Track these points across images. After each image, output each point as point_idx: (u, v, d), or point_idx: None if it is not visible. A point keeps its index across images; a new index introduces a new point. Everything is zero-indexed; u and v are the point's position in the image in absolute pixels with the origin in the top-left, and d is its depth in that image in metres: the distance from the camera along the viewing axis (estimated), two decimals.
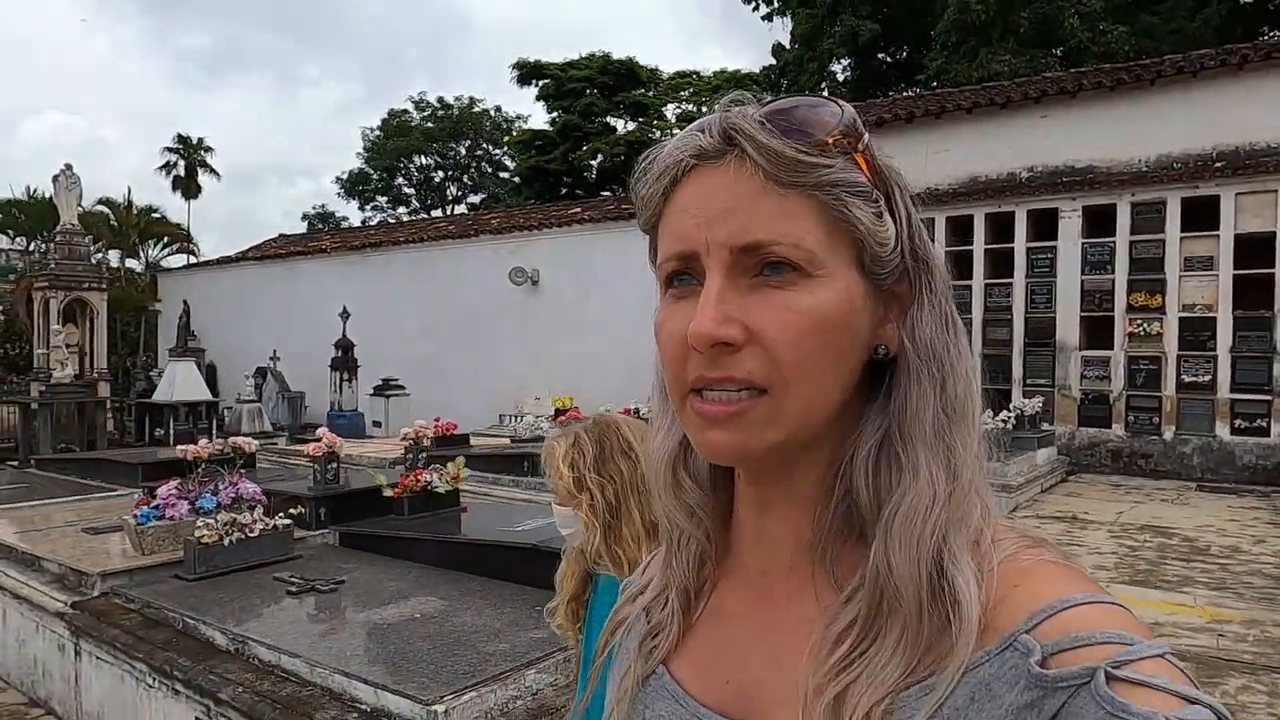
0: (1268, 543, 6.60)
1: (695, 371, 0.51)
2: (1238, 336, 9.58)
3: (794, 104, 0.51)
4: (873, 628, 0.49)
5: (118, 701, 3.62)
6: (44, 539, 4.92)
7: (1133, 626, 0.45)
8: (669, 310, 0.53)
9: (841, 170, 0.50)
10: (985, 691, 0.45)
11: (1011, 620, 0.46)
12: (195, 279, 23.33)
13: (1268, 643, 4.38)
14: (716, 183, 0.51)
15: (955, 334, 0.54)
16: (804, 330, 0.49)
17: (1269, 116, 9.82)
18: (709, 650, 0.60)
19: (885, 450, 0.52)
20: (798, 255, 0.49)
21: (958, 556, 0.48)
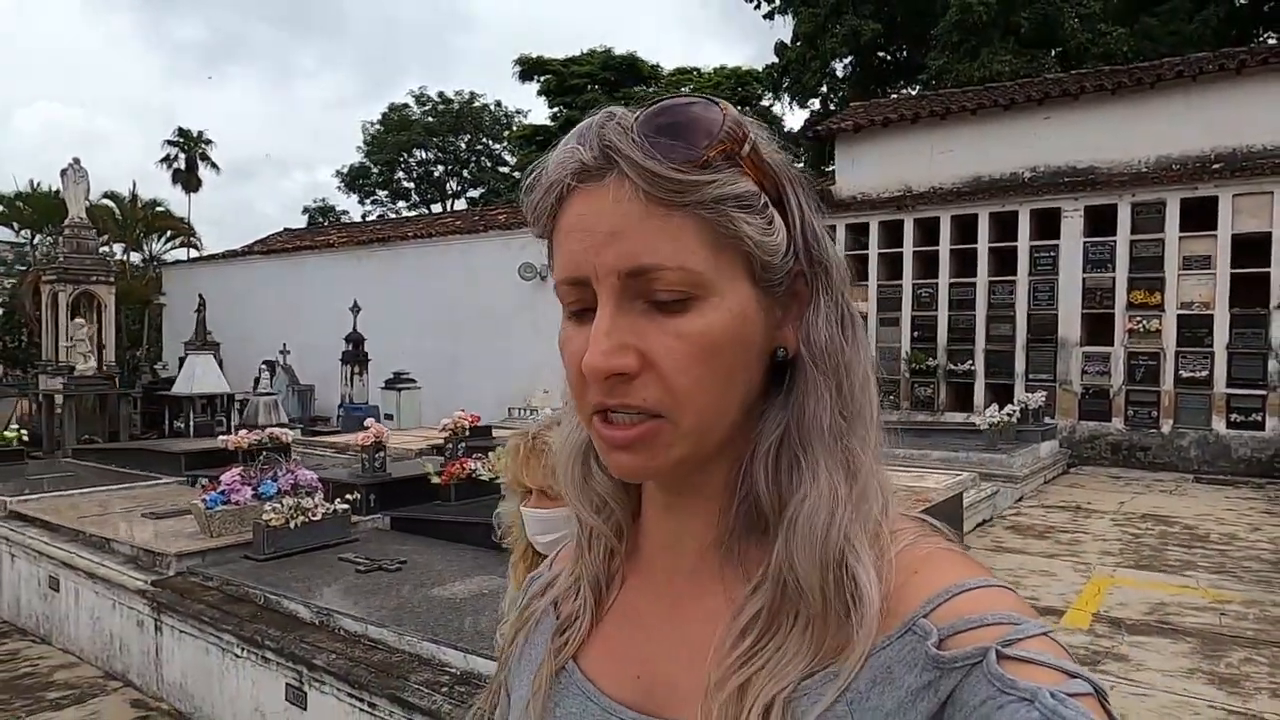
0: (1263, 530, 6.92)
1: (595, 397, 0.51)
2: (1234, 334, 9.90)
3: (670, 111, 0.50)
4: (775, 621, 0.50)
5: (201, 671, 3.88)
6: (106, 524, 5.16)
7: (1020, 608, 0.47)
8: (569, 330, 0.53)
9: (724, 184, 0.49)
10: (886, 674, 0.47)
11: (910, 606, 0.48)
12: (200, 273, 23.47)
13: (1267, 620, 4.68)
14: (600, 204, 0.50)
15: (853, 333, 0.54)
16: (694, 357, 0.49)
17: (1265, 119, 10.12)
18: (619, 646, 0.60)
19: (785, 449, 0.53)
20: (683, 281, 0.49)
21: (858, 551, 0.49)
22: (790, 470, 0.52)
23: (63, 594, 4.89)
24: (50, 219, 24.76)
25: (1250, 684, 3.81)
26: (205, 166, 39.24)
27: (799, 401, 0.52)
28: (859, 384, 0.53)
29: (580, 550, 0.63)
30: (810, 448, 0.52)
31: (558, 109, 31.27)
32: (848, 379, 0.53)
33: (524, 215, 0.55)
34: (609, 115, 0.51)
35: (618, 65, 30.34)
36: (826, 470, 0.51)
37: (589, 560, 0.62)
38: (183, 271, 24.65)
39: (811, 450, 0.51)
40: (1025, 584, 5.40)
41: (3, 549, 5.47)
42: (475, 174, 40.48)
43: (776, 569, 0.50)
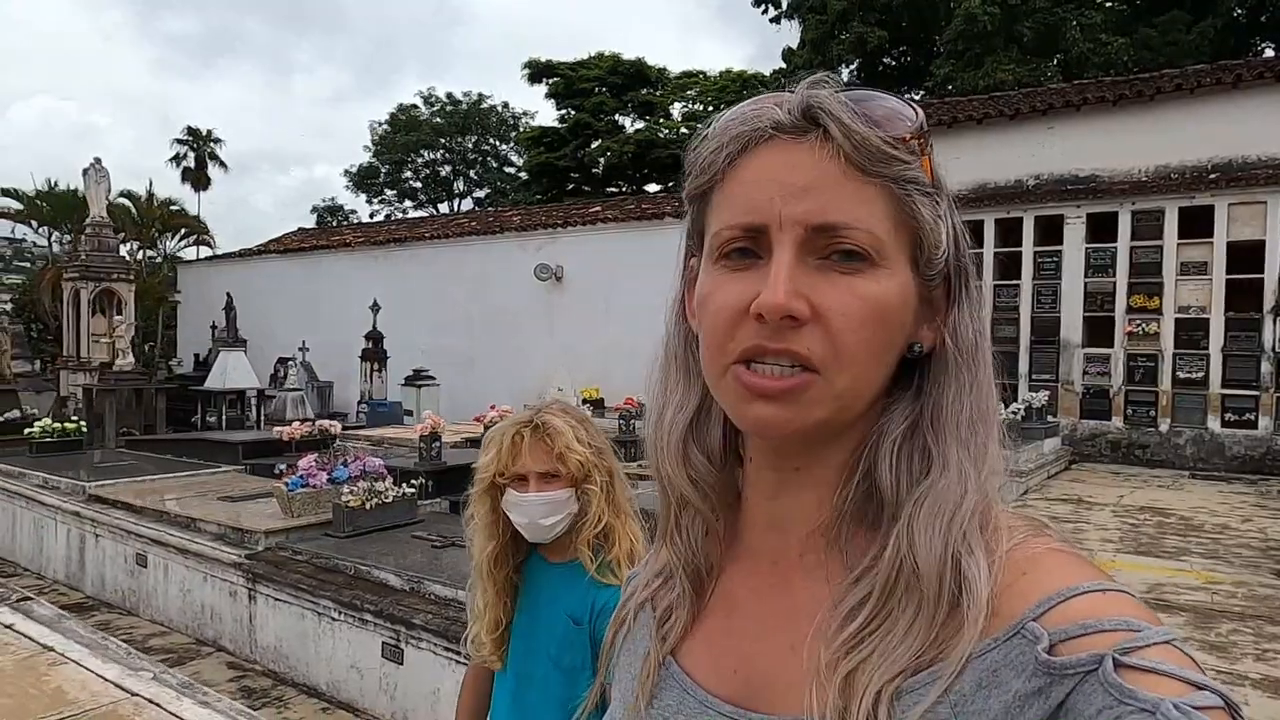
0: (1254, 522, 7.37)
1: (750, 340, 0.51)
2: (1229, 336, 10.36)
3: (875, 95, 0.52)
4: (886, 606, 0.49)
5: (296, 635, 4.32)
6: (187, 506, 5.59)
7: (1139, 613, 0.45)
8: (720, 280, 0.53)
9: (914, 169, 0.51)
10: (993, 678, 0.45)
11: (1019, 607, 0.46)
12: (215, 271, 23.88)
13: (1253, 598, 5.13)
14: (796, 159, 0.51)
15: (985, 338, 0.56)
16: (866, 316, 0.50)
17: (1261, 131, 10.57)
18: (717, 639, 0.59)
19: (913, 440, 0.53)
20: (869, 242, 0.50)
21: (973, 544, 0.49)
22: (918, 458, 0.52)
23: (150, 570, 5.32)
24: (67, 217, 25.17)
25: (1237, 650, 4.26)
26: (213, 165, 39.68)
27: (938, 395, 0.53)
28: (989, 386, 0.55)
29: (669, 540, 0.62)
30: (944, 438, 0.52)
31: (565, 111, 31.70)
32: (983, 378, 0.54)
33: (686, 168, 0.56)
34: (815, 82, 0.53)
35: (626, 70, 30.74)
36: (958, 459, 0.51)
37: (682, 546, 0.62)
38: (197, 270, 25.06)
39: (945, 440, 0.52)
40: None
41: (87, 530, 5.90)
42: (481, 174, 40.93)
43: (894, 552, 0.50)
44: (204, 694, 2.76)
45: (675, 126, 31.75)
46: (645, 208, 17.13)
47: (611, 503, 1.53)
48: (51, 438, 7.91)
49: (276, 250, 23.30)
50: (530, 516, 1.49)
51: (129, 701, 2.61)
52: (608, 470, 1.54)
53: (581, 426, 1.54)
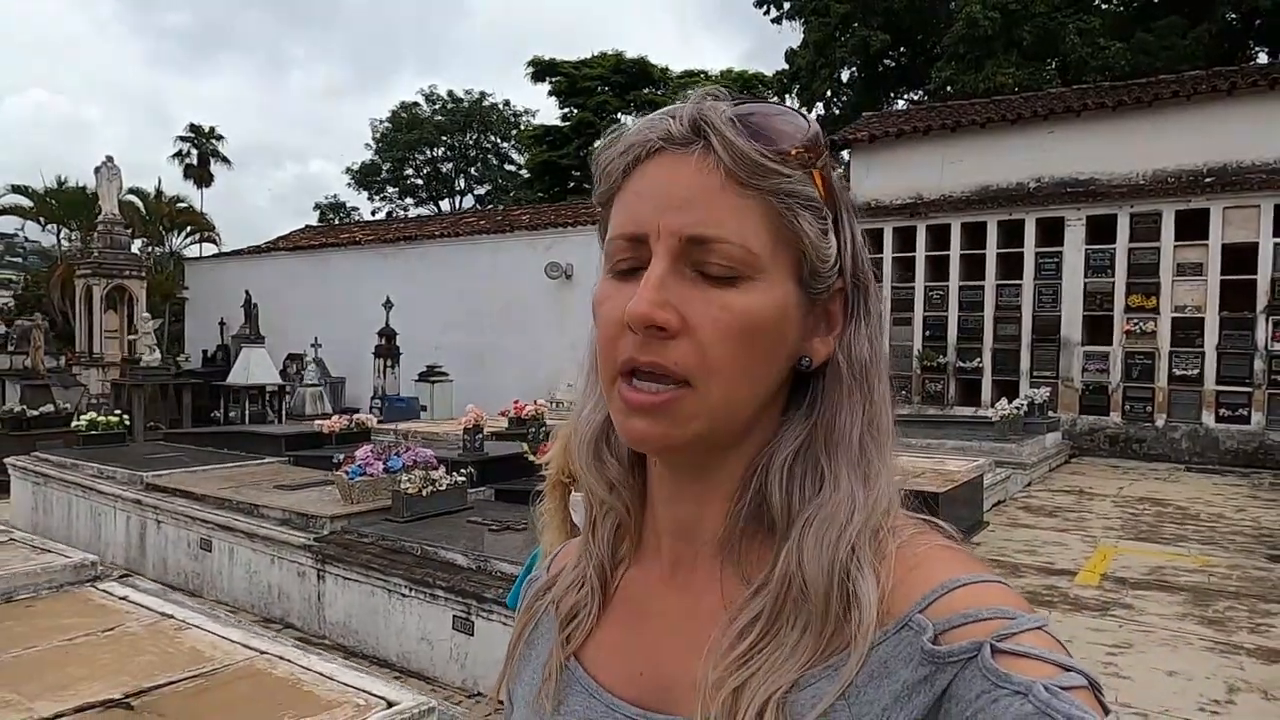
0: (1247, 511, 7.76)
1: (626, 353, 0.52)
2: (1223, 335, 10.76)
3: (763, 109, 0.53)
4: (775, 623, 0.51)
5: (366, 611, 4.66)
6: (245, 494, 5.93)
7: (1014, 602, 0.48)
8: (609, 288, 0.54)
9: (798, 182, 0.52)
10: (883, 669, 0.47)
11: (907, 602, 0.49)
12: (223, 268, 24.15)
13: (1247, 580, 5.51)
14: (678, 170, 0.51)
15: (880, 356, 0.57)
16: (734, 329, 0.51)
17: (1254, 137, 10.97)
18: (622, 639, 0.60)
19: (804, 457, 0.54)
20: (742, 257, 0.51)
21: (861, 560, 0.50)
22: (809, 476, 0.53)
23: (215, 553, 5.66)
24: (75, 214, 25.41)
25: (1232, 624, 4.64)
26: (215, 162, 39.88)
27: (830, 413, 0.54)
28: (882, 403, 0.56)
29: (586, 540, 0.64)
30: (835, 456, 0.53)
31: (569, 110, 32.02)
32: (876, 396, 0.55)
33: (593, 173, 0.56)
34: (705, 96, 0.54)
35: (629, 68, 31.06)
36: (848, 479, 0.53)
37: (594, 546, 0.63)
38: (205, 267, 25.31)
39: (835, 459, 0.53)
40: (1041, 552, 6.22)
41: (148, 516, 6.23)
42: (482, 171, 41.20)
43: (783, 571, 0.51)
44: (319, 653, 3.11)
45: None
46: None
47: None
48: (97, 430, 8.23)
49: (286, 248, 23.57)
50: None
51: (261, 658, 2.96)
52: None
53: None
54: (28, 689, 2.72)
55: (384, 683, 2.78)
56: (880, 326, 0.58)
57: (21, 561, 3.99)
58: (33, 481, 7.59)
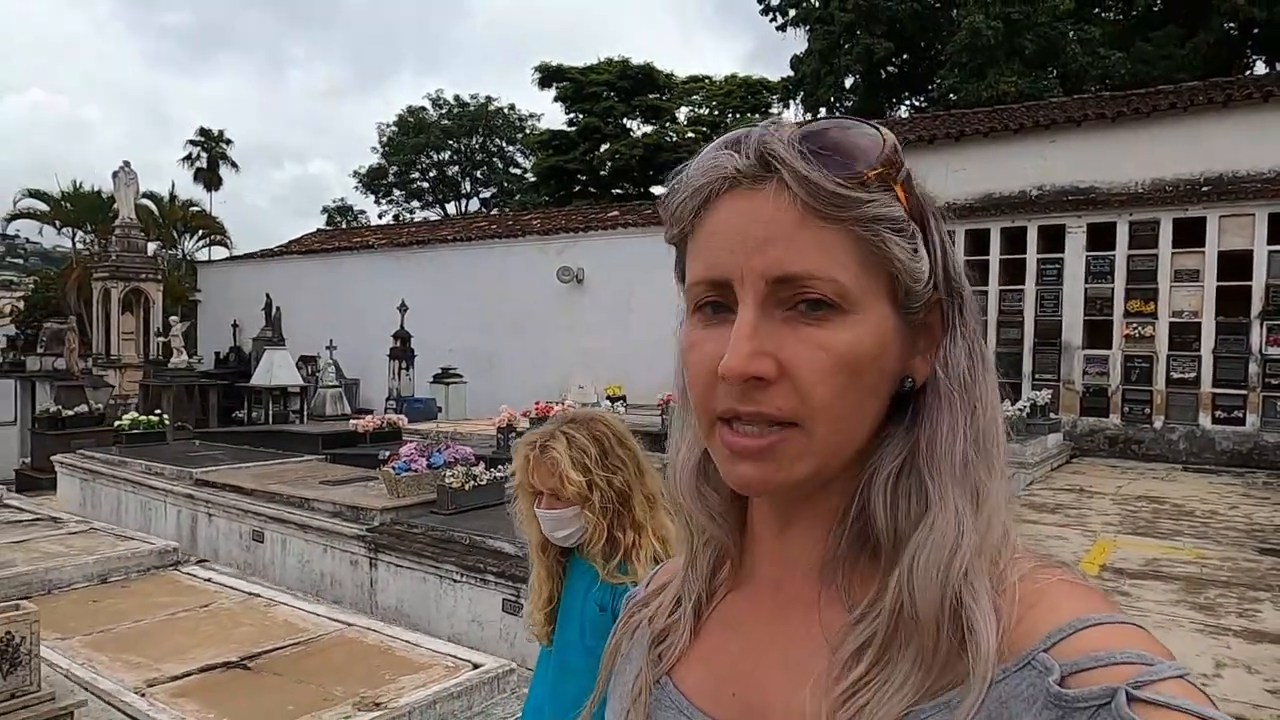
0: (1240, 509, 8.11)
1: (725, 403, 0.51)
2: (1219, 340, 11.12)
3: (833, 129, 0.51)
4: (886, 653, 0.49)
5: (418, 596, 5.02)
6: (294, 489, 6.28)
7: (1152, 647, 0.45)
8: (698, 334, 0.53)
9: (881, 205, 0.50)
10: (1000, 709, 0.45)
11: (1029, 639, 0.46)
12: (235, 271, 24.52)
13: (1238, 570, 5.87)
14: (753, 210, 0.50)
15: (985, 366, 0.55)
16: (836, 369, 0.49)
17: (1249, 147, 11.33)
18: (716, 661, 0.60)
19: (908, 476, 0.52)
20: (833, 290, 0.49)
21: (976, 588, 0.48)
22: (913, 497, 0.52)
23: (267, 544, 6.01)
24: (91, 217, 25.80)
25: (1222, 609, 5.00)
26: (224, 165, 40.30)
27: (930, 430, 0.52)
28: (990, 416, 0.54)
29: (686, 567, 0.63)
30: (939, 475, 0.51)
31: (575, 115, 32.41)
32: (981, 409, 0.53)
33: (662, 216, 0.56)
34: (770, 125, 0.52)
35: (634, 74, 31.43)
36: (954, 499, 0.50)
37: (693, 576, 0.63)
38: (217, 270, 25.68)
39: (940, 478, 0.51)
40: (1045, 545, 6.49)
41: (200, 510, 6.59)
42: (487, 175, 41.61)
43: (894, 598, 0.49)
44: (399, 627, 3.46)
45: (682, 130, 32.48)
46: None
47: (622, 519, 1.61)
48: (139, 430, 8.59)
49: (298, 251, 23.94)
50: (545, 528, 1.64)
51: (350, 629, 3.32)
52: (618, 490, 1.60)
53: (593, 446, 1.61)
54: (150, 654, 3.08)
55: (467, 649, 3.14)
56: (981, 338, 0.56)
57: (109, 548, 4.35)
58: (80, 478, 7.94)
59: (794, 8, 24.46)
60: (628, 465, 1.64)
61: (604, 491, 1.59)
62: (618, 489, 1.60)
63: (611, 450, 1.63)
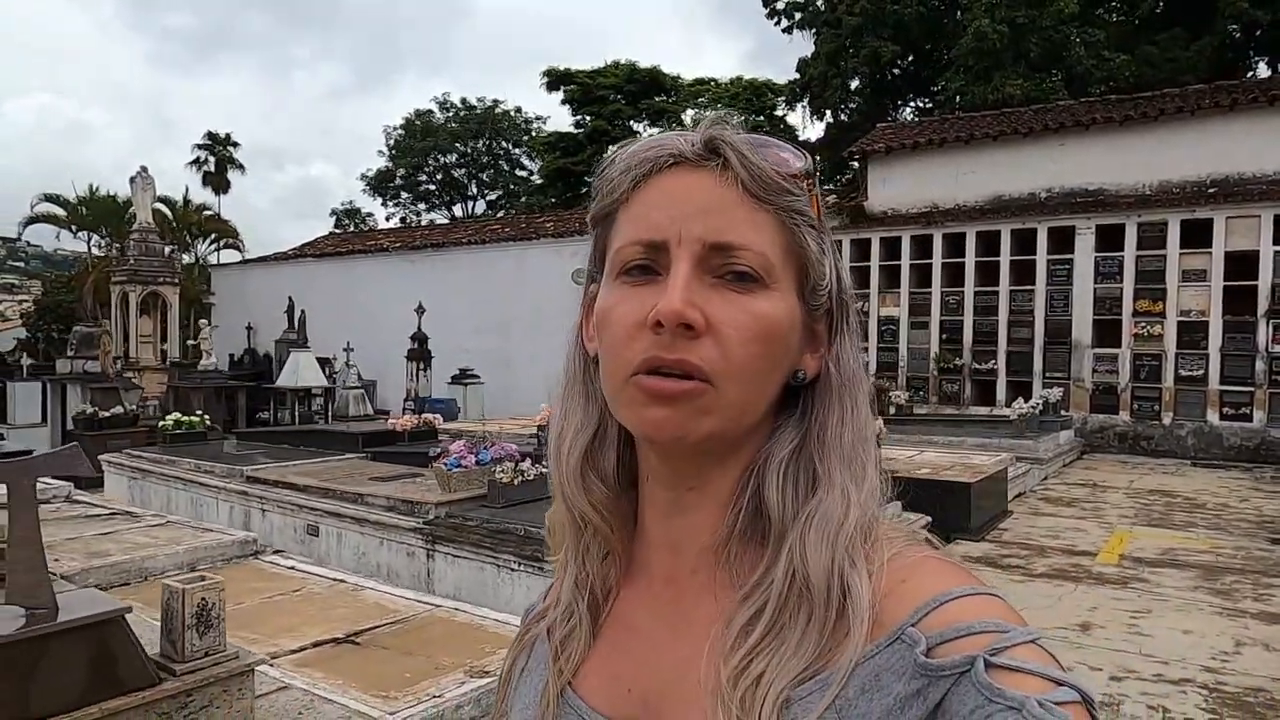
0: (1250, 501, 8.39)
1: (649, 351, 0.53)
2: (1226, 338, 11.40)
3: (766, 140, 0.57)
4: (779, 620, 0.52)
5: (475, 584, 5.29)
6: (346, 485, 6.55)
7: (1007, 615, 0.49)
8: (620, 294, 0.56)
9: (804, 203, 0.56)
10: (875, 682, 0.48)
11: (899, 614, 0.50)
12: (249, 274, 24.80)
13: (1251, 559, 6.14)
14: (696, 183, 0.55)
15: (863, 370, 0.61)
16: (756, 332, 0.54)
17: (1254, 150, 11.61)
18: (613, 662, 0.61)
19: (799, 462, 0.56)
20: (760, 264, 0.54)
21: (855, 557, 0.52)
22: (804, 479, 0.56)
23: (322, 538, 6.28)
24: (107, 221, 26.10)
25: (1238, 594, 5.27)
26: (231, 168, 40.60)
27: (822, 419, 0.57)
28: (866, 410, 0.59)
29: (576, 565, 0.64)
30: (828, 459, 0.56)
31: (582, 117, 32.72)
32: (861, 405, 0.59)
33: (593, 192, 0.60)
34: (716, 121, 0.57)
35: (641, 78, 31.74)
36: (841, 479, 0.55)
37: (584, 572, 0.63)
38: (231, 273, 25.96)
39: (829, 462, 0.56)
40: (1064, 536, 6.85)
41: (253, 505, 6.86)
42: (494, 177, 41.92)
43: (785, 567, 0.53)
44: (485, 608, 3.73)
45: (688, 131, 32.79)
46: None
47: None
48: (182, 430, 8.87)
49: (312, 254, 24.22)
50: None
51: (439, 610, 3.59)
52: None
53: None
54: (261, 631, 3.35)
55: None
56: (860, 344, 0.61)
57: (193, 538, 4.63)
58: (129, 476, 8.22)
59: (800, 11, 24.75)
60: None
61: None
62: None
63: None
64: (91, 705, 1.82)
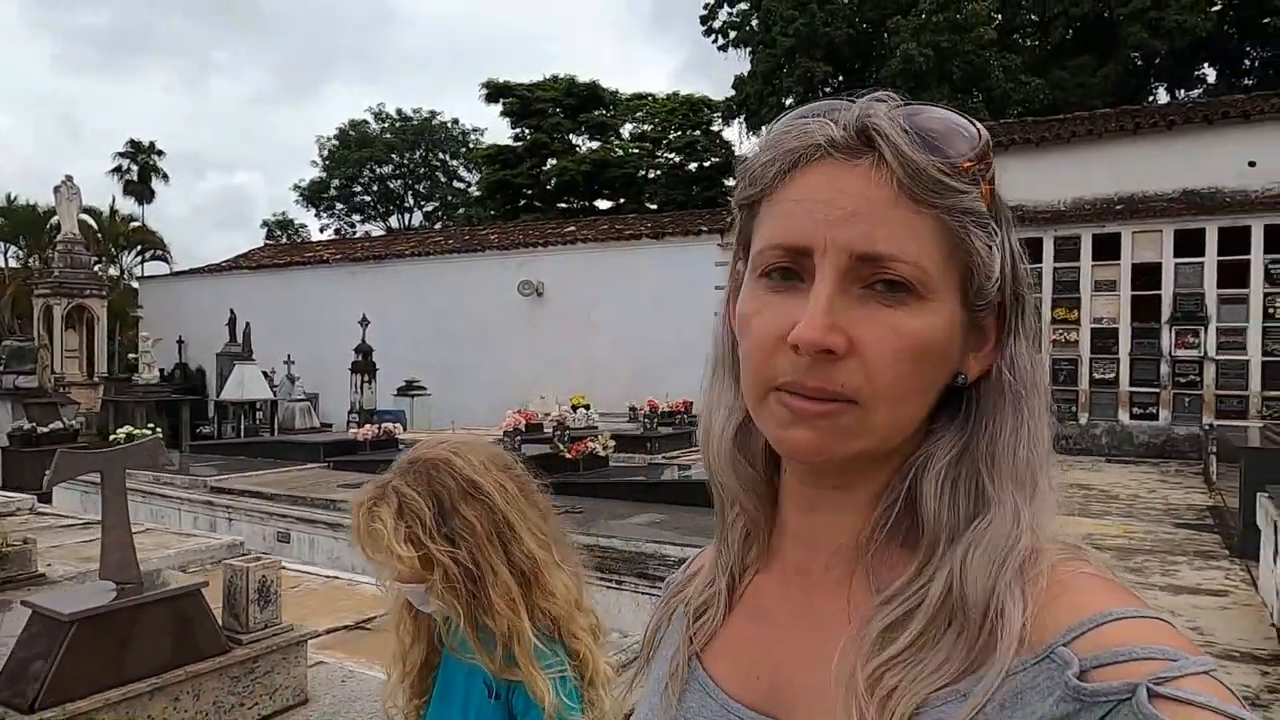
0: (1158, 493, 9.16)
1: (789, 374, 0.50)
2: (1135, 343, 12.33)
3: (935, 115, 0.51)
4: (928, 632, 0.49)
5: None
6: (315, 493, 6.68)
7: (1177, 642, 0.44)
8: (763, 300, 0.52)
9: (971, 198, 0.50)
10: (1016, 699, 0.45)
11: (1050, 632, 0.46)
12: (180, 287, 24.18)
13: (1159, 541, 6.79)
14: (844, 182, 0.50)
15: (1043, 372, 0.55)
16: (906, 353, 0.50)
17: (1157, 170, 12.62)
18: (743, 644, 0.60)
19: (963, 471, 0.52)
20: (915, 275, 0.49)
21: (1012, 580, 0.49)
22: (969, 492, 0.52)
23: (294, 543, 6.40)
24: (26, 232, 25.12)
25: (1148, 571, 5.87)
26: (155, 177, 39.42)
27: (993, 427, 0.53)
28: (1044, 418, 0.55)
29: (719, 543, 0.64)
30: (999, 475, 0.52)
31: (521, 130, 32.90)
32: (1039, 412, 0.54)
33: (737, 176, 0.55)
34: (874, 100, 0.52)
35: (580, 91, 32.12)
36: (1013, 498, 0.52)
37: (725, 549, 0.63)
38: (160, 285, 25.26)
39: (1000, 478, 0.52)
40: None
41: (219, 515, 6.91)
42: (430, 188, 41.67)
43: (945, 585, 0.49)
44: None
45: (626, 146, 33.30)
46: (619, 228, 18.51)
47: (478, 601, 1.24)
48: (131, 443, 8.79)
49: (248, 266, 23.78)
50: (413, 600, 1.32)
51: None
52: (463, 566, 1.24)
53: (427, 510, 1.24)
54: None
55: None
56: (1039, 341, 0.56)
57: (179, 543, 4.75)
58: (81, 490, 8.13)
59: (736, 30, 25.55)
60: (477, 529, 1.25)
61: (447, 568, 1.23)
62: (463, 565, 1.23)
63: (453, 512, 1.25)
64: (178, 668, 2.04)
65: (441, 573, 1.22)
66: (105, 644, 1.94)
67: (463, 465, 1.29)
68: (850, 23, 22.14)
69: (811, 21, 21.79)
